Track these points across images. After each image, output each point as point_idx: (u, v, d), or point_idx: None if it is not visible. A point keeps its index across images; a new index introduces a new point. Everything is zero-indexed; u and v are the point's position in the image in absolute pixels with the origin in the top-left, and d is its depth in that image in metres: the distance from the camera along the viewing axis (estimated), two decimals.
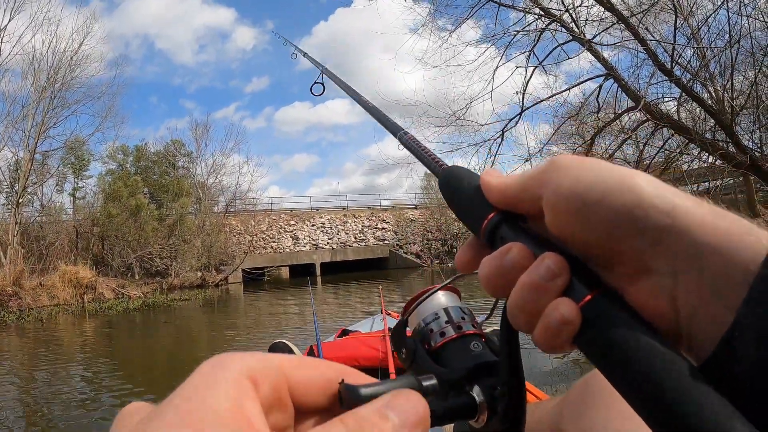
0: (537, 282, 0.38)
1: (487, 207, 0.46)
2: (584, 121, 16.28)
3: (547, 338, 0.38)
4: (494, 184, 0.45)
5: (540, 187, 0.40)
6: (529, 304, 0.38)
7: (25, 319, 16.39)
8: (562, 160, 0.40)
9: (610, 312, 0.36)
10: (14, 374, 8.63)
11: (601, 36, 13.21)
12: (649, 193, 0.36)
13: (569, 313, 0.36)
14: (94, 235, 26.96)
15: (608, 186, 0.37)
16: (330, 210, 39.69)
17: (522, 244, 0.41)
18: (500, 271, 0.41)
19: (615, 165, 0.38)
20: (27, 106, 25.62)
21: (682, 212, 0.35)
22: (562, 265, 0.38)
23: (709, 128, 14.04)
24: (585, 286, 0.37)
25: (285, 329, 11.75)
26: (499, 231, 0.44)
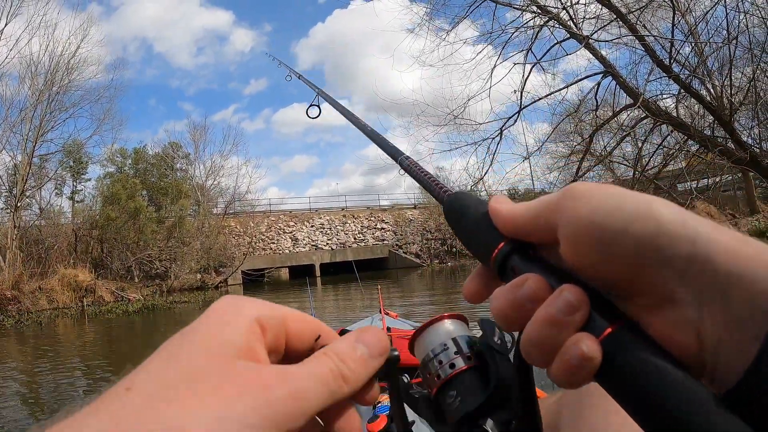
0: (555, 316, 0.36)
1: (496, 235, 0.44)
2: (583, 118, 16.27)
3: (567, 375, 0.36)
4: (505, 211, 0.43)
5: (556, 215, 0.39)
6: (547, 339, 0.37)
7: (24, 323, 16.36)
8: (579, 188, 0.39)
9: (631, 346, 0.35)
10: (13, 378, 8.60)
11: (598, 34, 13.18)
12: (671, 220, 0.34)
13: (591, 349, 0.35)
14: (93, 238, 26.92)
15: (628, 214, 0.35)
16: (329, 211, 39.69)
17: (538, 276, 0.39)
18: (515, 304, 0.39)
19: (632, 191, 0.37)
20: (25, 110, 25.62)
21: (705, 240, 0.33)
22: (581, 297, 0.36)
23: (708, 125, 14.04)
24: (605, 319, 0.36)
25: None
26: (511, 261, 0.42)
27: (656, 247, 0.34)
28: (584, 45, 12.94)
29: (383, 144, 0.85)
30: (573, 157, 17.95)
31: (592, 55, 13.72)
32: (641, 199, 0.36)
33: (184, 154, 35.03)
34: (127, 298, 22.05)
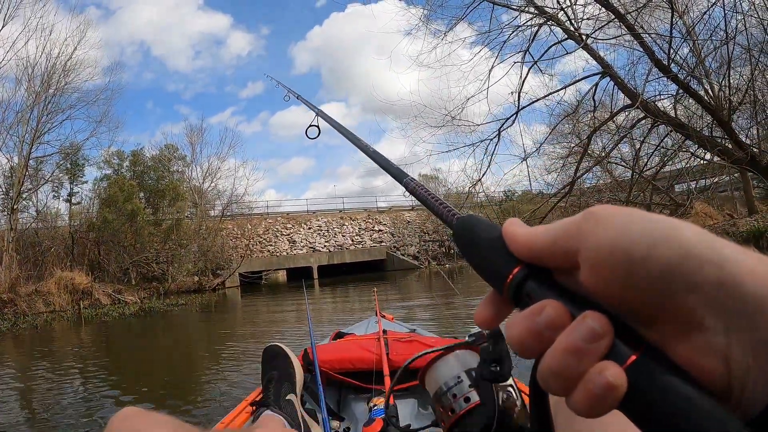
0: (578, 344, 0.35)
1: (510, 260, 0.42)
2: (581, 119, 16.26)
3: (592, 405, 0.35)
4: (521, 235, 0.41)
5: (577, 240, 0.37)
6: (569, 368, 0.35)
7: (20, 326, 16.28)
8: (600, 212, 0.37)
9: (656, 373, 0.34)
10: (8, 382, 8.54)
11: (596, 34, 13.16)
12: (697, 243, 0.34)
13: (616, 378, 0.34)
14: (89, 240, 26.85)
15: (654, 238, 0.34)
16: (327, 213, 39.67)
17: (558, 302, 0.37)
18: (533, 331, 0.37)
19: (654, 214, 0.36)
20: (21, 112, 25.55)
21: (733, 263, 0.33)
22: (605, 325, 0.35)
23: (707, 125, 14.03)
24: (628, 347, 0.35)
25: (281, 333, 11.67)
26: (526, 287, 0.40)
27: (684, 272, 0.33)
28: (582, 46, 12.92)
29: (387, 165, 0.82)
30: (571, 158, 17.96)
31: (590, 56, 13.73)
32: (666, 222, 0.35)
33: (180, 156, 34.97)
34: (124, 301, 21.97)
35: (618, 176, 22.75)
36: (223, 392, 6.47)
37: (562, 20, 13.41)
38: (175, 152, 34.57)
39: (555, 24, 13.46)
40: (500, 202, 29.24)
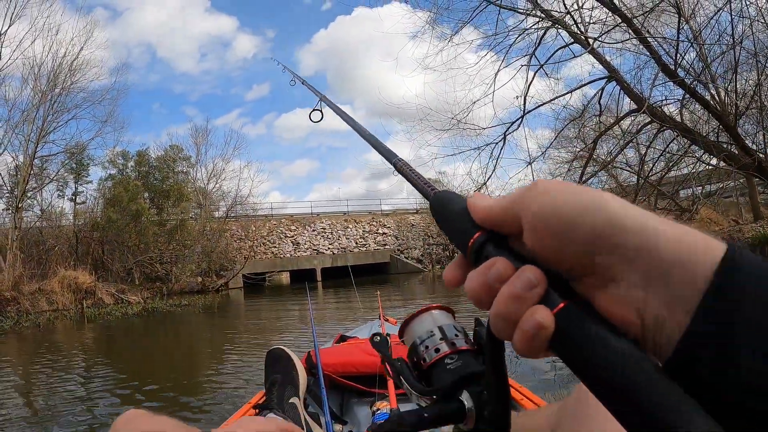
0: (517, 292, 0.41)
1: (473, 227, 0.49)
2: (586, 124, 16.22)
3: (525, 342, 0.41)
4: (479, 205, 0.49)
5: (522, 208, 0.44)
6: (510, 312, 0.42)
7: (22, 324, 16.30)
8: (542, 183, 0.44)
9: (581, 318, 0.40)
10: (10, 380, 8.54)
11: (602, 39, 13.11)
12: (619, 213, 0.39)
13: (544, 318, 0.40)
14: (94, 240, 26.87)
15: (584, 207, 0.40)
16: (331, 215, 39.61)
17: (504, 259, 0.44)
18: (484, 284, 0.44)
19: (588, 188, 0.42)
20: (27, 111, 25.59)
21: (651, 230, 0.38)
22: (539, 276, 0.41)
23: (713, 130, 13.98)
24: (559, 296, 0.41)
25: (284, 335, 11.67)
26: (485, 249, 0.47)
27: (607, 235, 0.39)
28: (589, 50, 12.89)
29: (380, 147, 0.92)
30: (576, 162, 17.94)
31: (596, 60, 13.69)
32: (596, 193, 0.41)
33: (185, 157, 34.94)
34: (127, 301, 21.98)
35: (623, 181, 22.73)
36: (225, 395, 6.46)
37: (568, 24, 13.37)
38: (180, 153, 34.57)
39: (561, 28, 13.42)
40: None
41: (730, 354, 0.34)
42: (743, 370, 0.33)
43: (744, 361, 0.33)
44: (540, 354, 0.42)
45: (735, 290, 0.35)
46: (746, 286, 0.35)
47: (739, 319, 0.34)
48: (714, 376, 0.34)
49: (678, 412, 0.33)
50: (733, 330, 0.34)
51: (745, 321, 0.34)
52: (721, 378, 0.34)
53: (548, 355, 0.42)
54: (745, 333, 0.33)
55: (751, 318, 0.33)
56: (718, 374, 0.34)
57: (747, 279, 0.35)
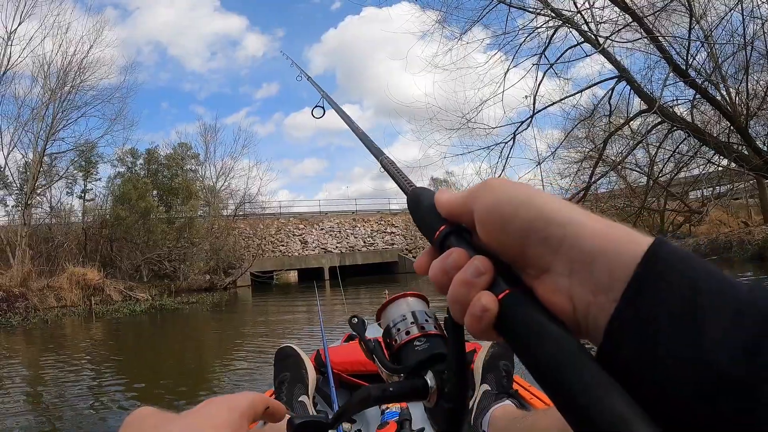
0: (467, 278, 0.46)
1: (439, 221, 0.54)
2: (596, 124, 16.14)
3: (472, 323, 0.46)
4: (443, 200, 0.54)
5: (473, 203, 0.49)
6: (461, 296, 0.47)
7: (30, 321, 16.35)
8: (490, 182, 0.49)
9: (522, 304, 0.44)
10: (19, 376, 8.55)
11: (612, 38, 13.03)
12: (548, 208, 0.44)
13: (488, 302, 0.44)
14: (102, 237, 26.94)
15: (518, 202, 0.45)
16: (339, 214, 39.62)
17: (461, 249, 0.49)
18: (443, 270, 0.49)
19: (528, 185, 0.48)
20: (36, 108, 25.68)
21: (576, 224, 0.42)
22: (487, 265, 0.46)
23: (723, 130, 13.88)
24: (505, 283, 0.46)
25: (292, 333, 11.66)
26: (448, 240, 0.52)
27: (536, 228, 0.43)
28: (599, 50, 12.82)
29: (369, 144, 0.97)
30: (585, 163, 17.87)
31: (606, 60, 13.61)
32: (531, 192, 0.46)
33: (194, 155, 35.00)
34: (136, 298, 22.02)
35: (632, 182, 22.62)
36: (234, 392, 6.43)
37: (578, 23, 13.30)
38: (188, 151, 34.65)
39: (571, 27, 13.35)
40: None
41: (651, 341, 0.36)
42: (662, 357, 0.35)
43: (662, 348, 0.35)
44: (489, 335, 0.46)
45: (656, 281, 0.37)
46: (667, 277, 0.37)
47: (658, 308, 0.36)
48: (637, 361, 0.37)
49: (592, 392, 0.36)
50: (653, 318, 0.36)
51: (665, 310, 0.36)
52: (643, 363, 0.36)
53: (495, 338, 0.46)
54: (664, 321, 0.36)
55: (670, 307, 0.36)
56: (640, 359, 0.36)
57: (668, 271, 0.37)
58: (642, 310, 0.37)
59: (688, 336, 0.34)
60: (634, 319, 0.37)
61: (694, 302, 0.35)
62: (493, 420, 1.68)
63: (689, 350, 0.34)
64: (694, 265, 0.37)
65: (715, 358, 0.33)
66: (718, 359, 0.33)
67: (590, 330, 0.41)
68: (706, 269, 0.37)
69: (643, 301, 0.37)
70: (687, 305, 0.35)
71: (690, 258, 0.38)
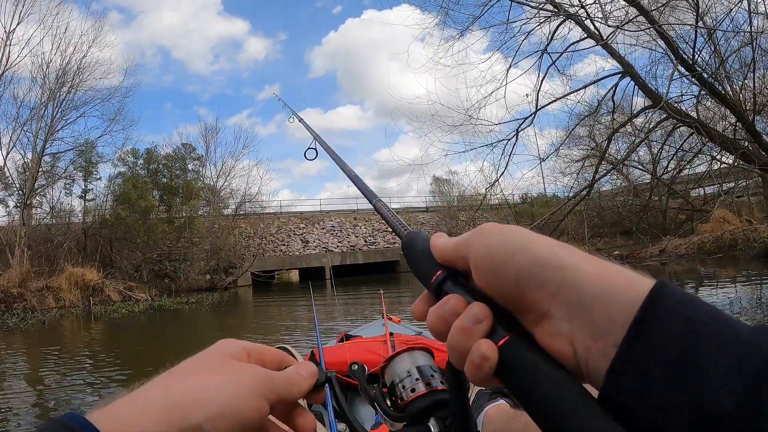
0: (465, 326, 0.46)
1: (435, 266, 0.54)
2: (599, 120, 16.03)
3: (473, 372, 0.46)
4: (438, 246, 0.54)
5: (467, 248, 0.50)
6: (460, 344, 0.47)
7: (28, 321, 16.22)
8: (485, 228, 0.50)
9: (522, 350, 0.44)
10: (14, 377, 8.46)
11: (615, 34, 12.89)
12: (543, 253, 0.44)
13: (488, 351, 0.44)
14: (102, 237, 26.85)
15: (513, 248, 0.45)
16: (340, 213, 39.55)
17: (458, 296, 0.49)
18: (441, 317, 0.49)
19: (524, 230, 0.48)
20: (35, 108, 25.60)
21: (574, 268, 0.42)
22: (485, 312, 0.46)
23: (729, 125, 13.75)
24: (504, 329, 0.45)
25: (289, 333, 11.63)
26: (444, 286, 0.52)
27: (533, 274, 0.44)
28: (602, 44, 12.68)
29: (363, 188, 1.00)
30: (587, 161, 17.77)
31: (610, 55, 13.47)
32: (526, 236, 0.46)
33: (196, 155, 34.88)
34: (135, 298, 21.90)
35: (634, 180, 22.50)
36: None
37: (581, 18, 13.17)
38: (191, 152, 34.53)
39: (574, 21, 13.21)
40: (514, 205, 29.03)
41: (651, 385, 0.36)
42: (662, 401, 0.36)
43: (662, 393, 0.36)
44: (489, 382, 0.45)
45: (656, 326, 0.37)
46: (667, 322, 0.37)
47: (659, 353, 0.37)
48: (638, 405, 0.37)
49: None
50: (653, 363, 0.37)
51: (665, 355, 0.36)
52: (644, 407, 0.37)
53: (497, 384, 0.45)
54: (664, 366, 0.36)
55: (670, 353, 0.36)
56: (641, 403, 0.37)
57: (668, 315, 0.37)
58: (642, 355, 0.37)
59: (688, 381, 0.35)
60: (635, 363, 0.37)
61: (694, 348, 0.36)
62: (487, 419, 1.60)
63: (689, 395, 0.35)
64: (695, 308, 0.38)
65: (715, 403, 0.34)
66: (719, 404, 0.33)
67: (591, 374, 0.41)
68: (706, 312, 0.37)
69: (643, 346, 0.37)
70: (687, 351, 0.36)
71: (691, 301, 0.38)
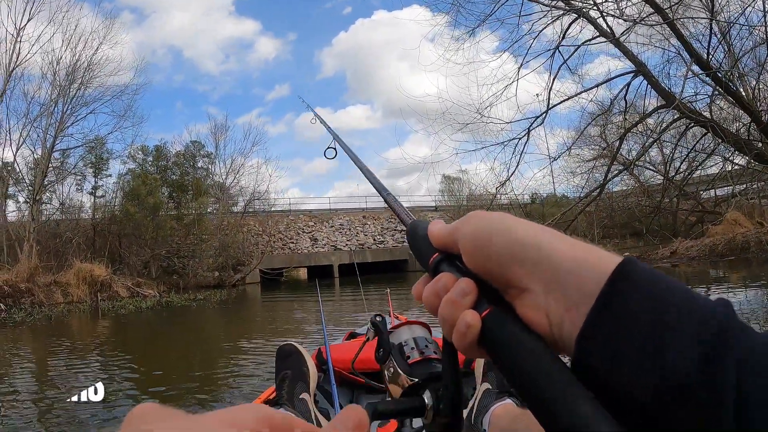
0: (453, 298, 0.51)
1: (432, 250, 0.59)
2: (612, 120, 15.92)
3: (458, 339, 0.50)
4: (434, 232, 0.60)
5: (456, 233, 0.55)
6: (449, 315, 0.51)
7: (34, 317, 16.22)
8: (472, 214, 0.55)
9: (503, 321, 0.48)
10: (18, 373, 8.43)
11: (630, 31, 12.77)
12: (523, 234, 0.49)
13: (472, 320, 0.49)
14: (111, 233, 26.88)
15: (493, 231, 0.50)
16: (349, 211, 39.48)
17: (450, 273, 0.55)
18: (434, 293, 0.55)
19: (508, 215, 0.52)
20: (45, 104, 25.64)
21: (548, 247, 0.47)
22: (471, 286, 0.51)
23: (743, 126, 13.61)
24: (488, 302, 0.50)
25: (297, 331, 11.58)
26: (440, 266, 0.57)
27: (512, 253, 0.48)
28: (614, 42, 12.57)
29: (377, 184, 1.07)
30: (598, 161, 17.65)
31: (623, 54, 13.34)
32: (508, 220, 0.51)
33: (205, 153, 34.88)
34: (143, 294, 21.90)
35: (645, 181, 22.35)
36: (236, 390, 6.34)
37: (593, 17, 13.05)
38: (201, 149, 34.53)
39: (586, 19, 13.09)
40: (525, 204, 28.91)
41: (617, 352, 0.39)
42: (627, 366, 0.39)
43: (627, 358, 0.39)
44: (474, 352, 0.50)
45: (622, 296, 0.41)
46: (633, 293, 0.41)
47: (624, 321, 0.40)
48: (605, 370, 0.40)
49: (564, 399, 0.40)
50: (619, 331, 0.40)
51: (630, 323, 0.39)
52: (610, 372, 0.39)
53: (482, 355, 0.50)
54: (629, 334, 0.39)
55: (635, 321, 0.39)
56: (608, 369, 0.40)
57: (634, 287, 0.41)
58: (609, 323, 0.41)
59: (652, 348, 0.38)
60: (603, 330, 0.41)
61: (658, 317, 0.39)
62: (493, 419, 1.68)
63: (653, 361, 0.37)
64: (659, 281, 0.41)
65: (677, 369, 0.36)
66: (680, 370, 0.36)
67: (565, 343, 0.45)
68: (669, 286, 0.41)
69: (609, 315, 0.41)
70: (651, 320, 0.39)
71: (656, 275, 0.42)
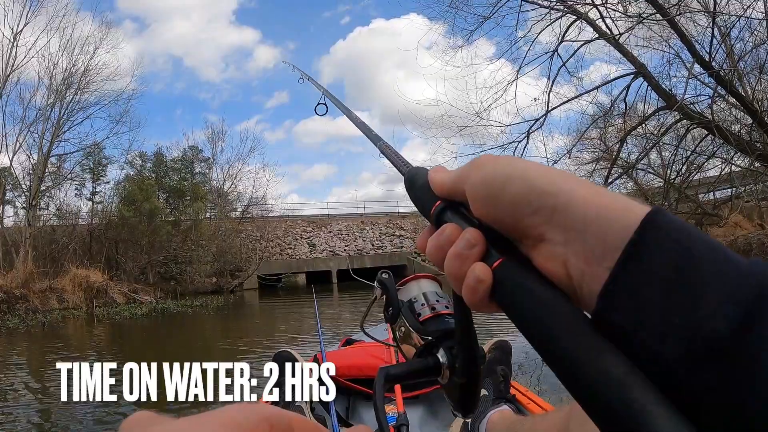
0: (459, 251, 0.48)
1: (434, 198, 0.55)
2: (612, 123, 15.82)
3: (468, 295, 0.47)
4: (436, 179, 0.56)
5: (463, 179, 0.51)
6: (456, 269, 0.48)
7: (28, 323, 16.11)
8: (480, 159, 0.51)
9: (516, 273, 0.45)
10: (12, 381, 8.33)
11: (629, 34, 12.67)
12: (538, 179, 0.45)
13: (481, 273, 0.46)
14: (108, 238, 26.76)
15: (507, 176, 0.46)
16: (347, 217, 39.43)
17: (454, 224, 0.51)
18: (439, 246, 0.51)
19: (520, 159, 0.49)
20: (42, 109, 25.56)
21: (568, 193, 0.43)
22: (478, 236, 0.48)
23: (744, 127, 13.51)
24: (498, 253, 0.46)
25: (294, 337, 11.57)
26: (443, 216, 0.54)
27: (528, 200, 0.44)
28: (612, 41, 12.48)
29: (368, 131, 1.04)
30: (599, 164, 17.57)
31: (623, 55, 13.26)
32: (519, 163, 0.47)
33: (204, 159, 34.81)
34: (139, 300, 21.77)
35: (644, 184, 22.24)
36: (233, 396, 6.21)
37: (592, 18, 12.96)
38: (198, 154, 34.46)
39: (585, 21, 13.00)
40: None
41: (645, 306, 0.37)
42: (655, 322, 0.36)
43: (656, 314, 0.36)
44: (487, 307, 0.46)
45: (651, 248, 0.38)
46: (663, 245, 0.37)
47: (654, 274, 0.37)
48: (631, 325, 0.37)
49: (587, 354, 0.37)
50: (647, 284, 0.37)
51: (660, 277, 0.37)
52: (636, 327, 0.37)
53: (495, 309, 0.46)
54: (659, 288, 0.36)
55: (665, 274, 0.36)
56: (634, 324, 0.37)
57: (664, 239, 0.37)
58: (636, 276, 0.38)
59: (682, 304, 0.35)
60: (628, 284, 0.38)
61: (691, 272, 0.36)
62: (490, 425, 1.69)
63: (683, 317, 0.35)
64: (691, 235, 0.38)
65: (710, 326, 0.34)
66: (714, 327, 0.34)
67: (585, 297, 0.41)
68: (703, 240, 0.37)
69: (637, 267, 0.38)
70: (683, 274, 0.36)
71: (688, 228, 0.38)
